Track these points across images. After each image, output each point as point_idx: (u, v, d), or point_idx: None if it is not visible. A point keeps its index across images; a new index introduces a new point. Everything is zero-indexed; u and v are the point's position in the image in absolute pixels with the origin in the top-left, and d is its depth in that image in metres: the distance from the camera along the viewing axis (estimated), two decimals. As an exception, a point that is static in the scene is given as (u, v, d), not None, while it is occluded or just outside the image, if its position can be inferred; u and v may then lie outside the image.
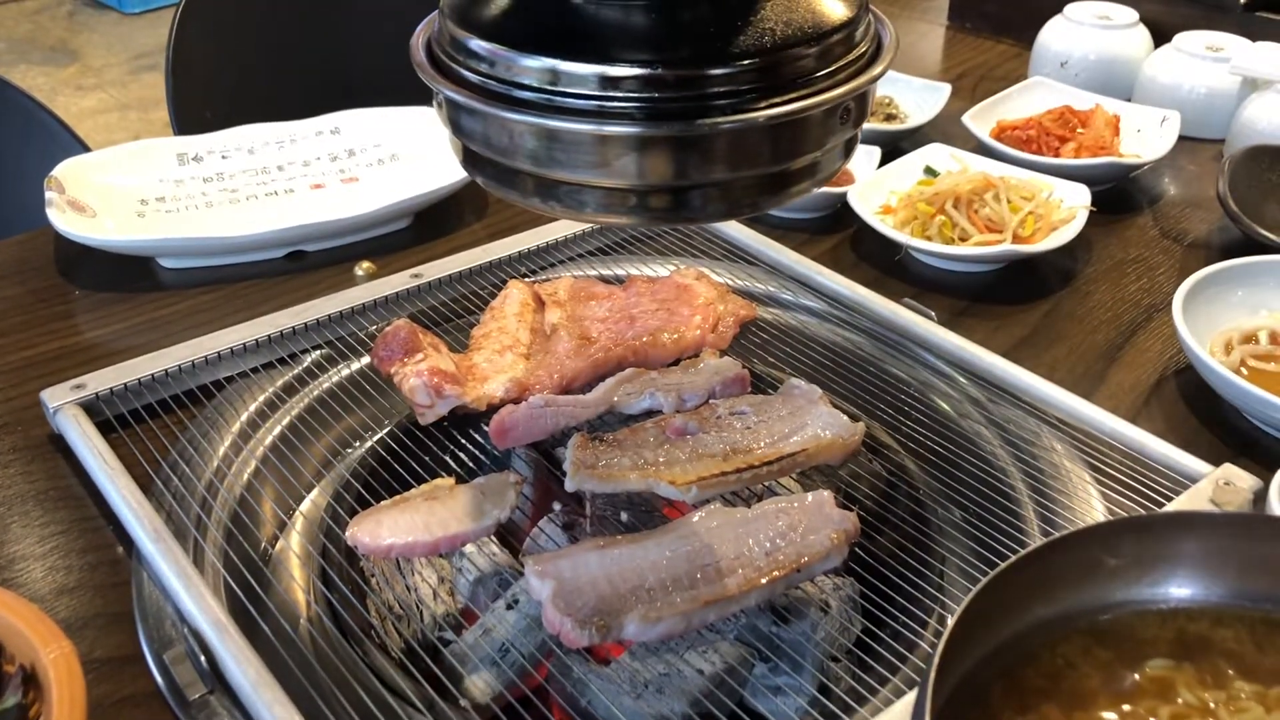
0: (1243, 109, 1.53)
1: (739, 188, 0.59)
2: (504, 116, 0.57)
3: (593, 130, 0.55)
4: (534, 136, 0.57)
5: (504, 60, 0.56)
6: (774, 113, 0.55)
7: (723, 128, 0.55)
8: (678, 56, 0.54)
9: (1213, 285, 1.11)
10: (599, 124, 0.55)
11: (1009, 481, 0.93)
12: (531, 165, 0.58)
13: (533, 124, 0.56)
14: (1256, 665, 0.60)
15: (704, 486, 0.83)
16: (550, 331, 1.04)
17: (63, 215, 1.22)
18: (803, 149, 0.59)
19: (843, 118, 0.60)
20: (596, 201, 0.59)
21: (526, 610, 0.83)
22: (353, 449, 1.00)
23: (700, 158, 0.56)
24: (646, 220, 0.60)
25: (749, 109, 0.55)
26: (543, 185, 0.59)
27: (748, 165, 0.58)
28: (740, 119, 0.55)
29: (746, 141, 0.57)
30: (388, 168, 1.43)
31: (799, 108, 0.56)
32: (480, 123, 0.59)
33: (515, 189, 0.61)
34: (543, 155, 0.57)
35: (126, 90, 4.56)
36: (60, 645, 0.68)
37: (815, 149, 0.60)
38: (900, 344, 1.10)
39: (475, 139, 0.60)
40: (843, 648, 0.82)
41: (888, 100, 1.62)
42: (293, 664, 0.75)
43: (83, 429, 0.93)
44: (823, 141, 0.60)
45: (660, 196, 0.58)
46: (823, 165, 0.62)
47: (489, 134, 0.59)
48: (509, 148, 0.58)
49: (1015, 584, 0.59)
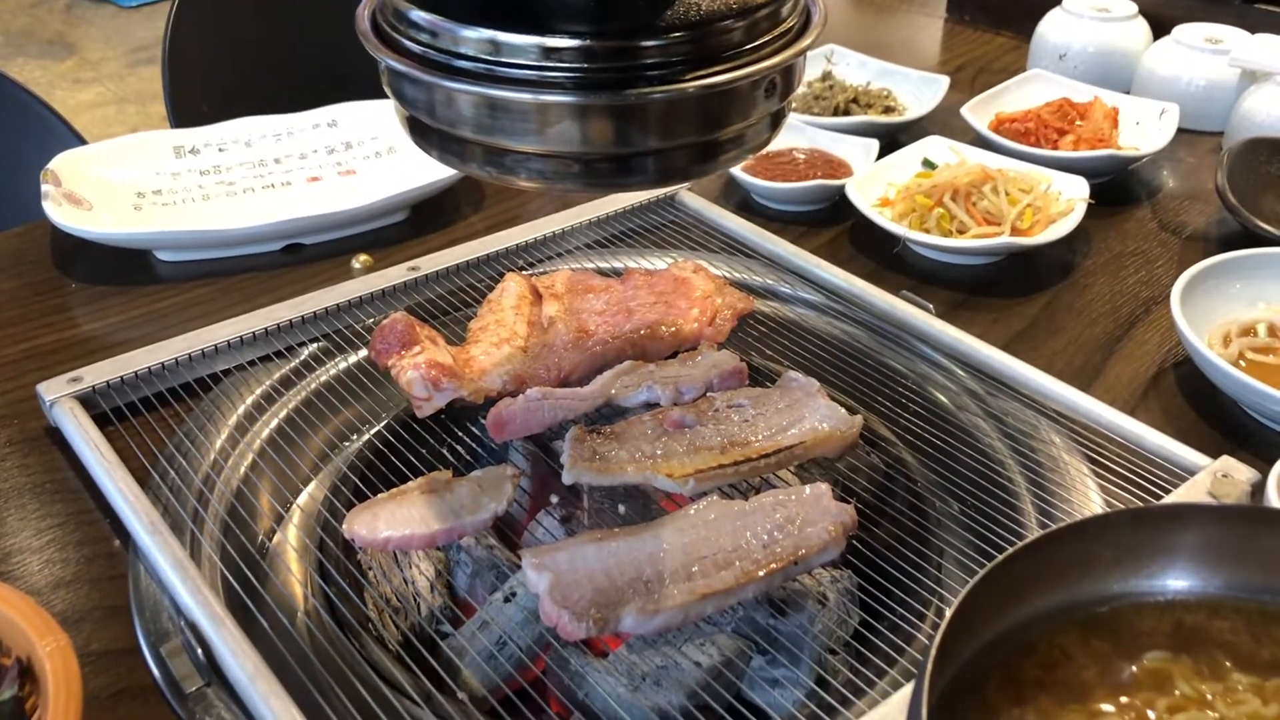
0: (1242, 101, 1.53)
1: (670, 155, 0.61)
2: (445, 85, 0.59)
3: (530, 99, 0.57)
4: (474, 105, 0.59)
5: (445, 31, 0.58)
6: (701, 84, 0.57)
7: (652, 98, 0.57)
8: (610, 29, 0.56)
9: (1211, 278, 1.11)
10: (536, 93, 0.57)
11: (1007, 474, 0.93)
12: (475, 133, 0.60)
13: (473, 92, 0.58)
14: (1253, 657, 0.60)
15: (701, 479, 0.83)
16: (548, 324, 1.04)
17: (59, 208, 1.22)
18: (730, 120, 0.61)
19: (769, 90, 0.61)
20: (535, 168, 0.60)
21: (524, 603, 0.83)
22: (350, 442, 1.00)
23: (633, 126, 0.58)
24: (582, 186, 0.62)
25: (677, 80, 0.57)
26: (484, 153, 0.61)
27: (678, 134, 0.60)
28: (669, 89, 0.57)
29: (676, 111, 0.59)
30: (385, 160, 1.42)
31: (725, 79, 0.58)
32: (424, 92, 0.60)
33: (458, 157, 0.63)
34: (485, 123, 0.59)
35: (124, 84, 4.55)
36: (56, 638, 0.68)
37: (742, 120, 0.62)
38: (898, 336, 1.10)
39: (419, 108, 0.62)
40: (840, 640, 0.82)
41: (886, 92, 1.62)
42: (290, 657, 0.75)
43: (79, 422, 0.93)
44: (748, 113, 0.62)
45: (600, 164, 0.60)
46: (749, 137, 0.64)
47: (433, 103, 0.61)
48: (452, 117, 0.60)
49: (1013, 576, 0.59)
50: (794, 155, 1.45)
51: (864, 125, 1.51)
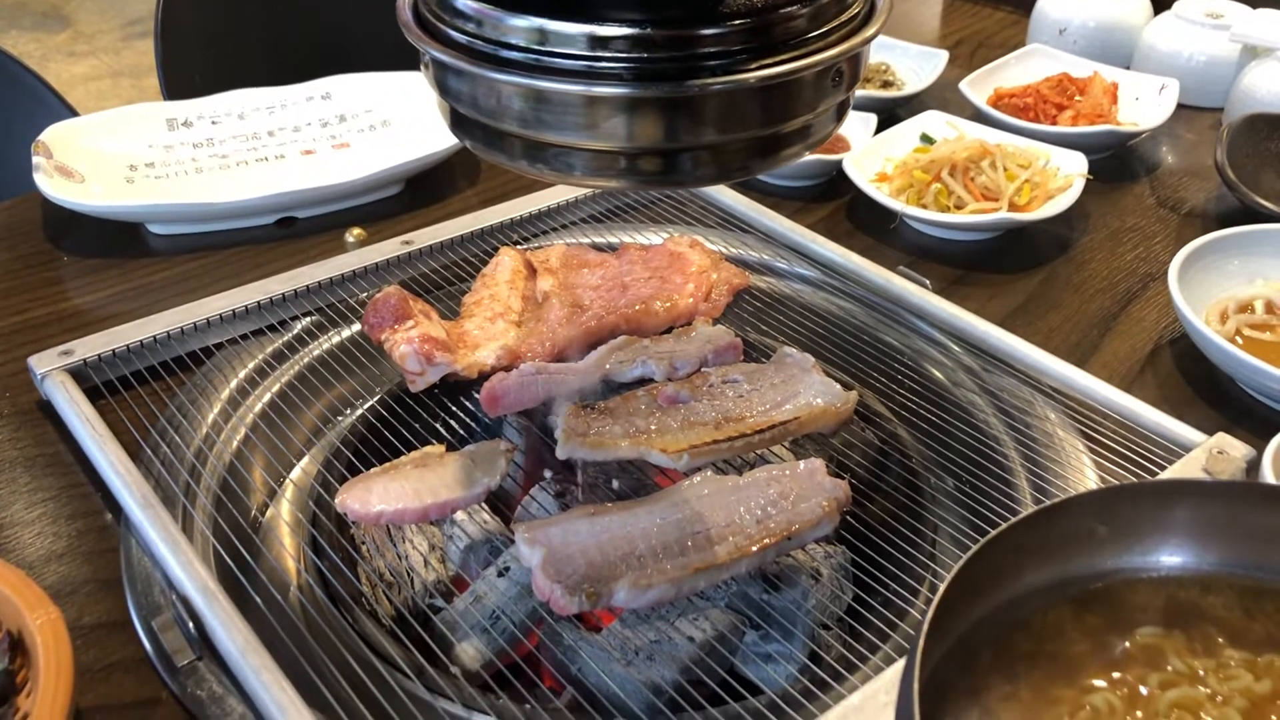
0: (1242, 77, 1.52)
1: (729, 151, 0.58)
2: (491, 77, 0.56)
3: (581, 91, 0.54)
4: (521, 98, 0.56)
5: (491, 20, 0.55)
6: (765, 74, 0.55)
7: (713, 89, 0.54)
8: (667, 16, 0.53)
9: (1209, 254, 1.10)
10: (587, 85, 0.54)
11: (1002, 450, 0.93)
12: (519, 127, 0.57)
13: (520, 85, 0.55)
14: (1246, 632, 0.59)
15: (696, 454, 0.83)
16: (542, 299, 1.03)
17: (50, 180, 1.21)
18: (794, 111, 0.58)
19: (835, 80, 0.59)
20: (585, 164, 0.58)
21: (517, 578, 0.83)
22: (343, 416, 1.00)
23: (690, 120, 0.55)
24: (636, 184, 0.59)
25: (740, 70, 0.54)
26: (531, 148, 0.58)
27: (738, 128, 0.57)
28: (730, 80, 0.54)
29: (737, 103, 0.56)
30: (379, 133, 1.41)
31: (790, 69, 0.55)
32: (467, 84, 0.58)
33: (503, 152, 0.60)
34: (530, 117, 0.56)
35: (119, 57, 4.52)
36: (47, 611, 0.68)
37: (807, 111, 0.59)
38: (894, 312, 1.09)
39: (463, 101, 0.59)
40: (833, 615, 0.82)
41: (884, 67, 1.61)
42: (282, 631, 0.75)
43: (70, 395, 0.93)
44: (814, 104, 0.59)
45: (650, 159, 0.57)
46: (815, 128, 0.61)
47: (476, 95, 0.58)
48: (496, 110, 0.57)
49: (1006, 551, 0.59)
50: (791, 130, 1.43)
51: (862, 100, 1.50)
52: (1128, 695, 0.56)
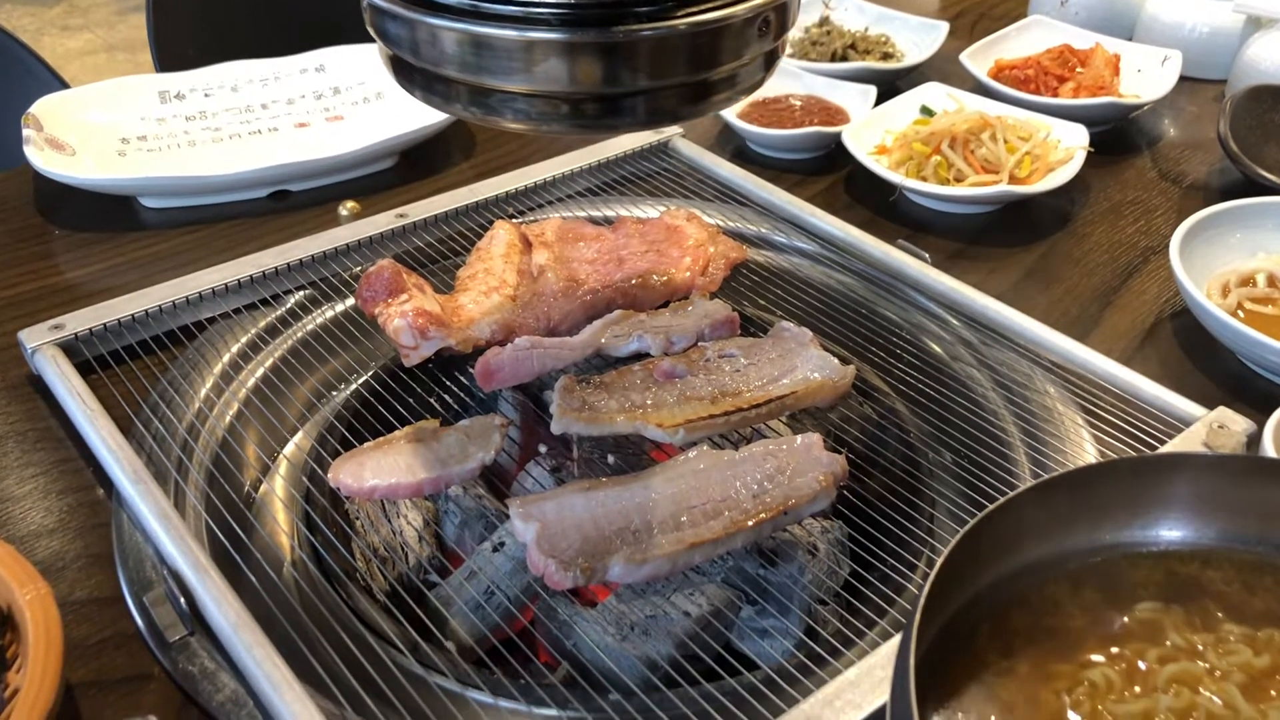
0: (1245, 48, 1.51)
1: (660, 96, 0.59)
2: (428, 22, 0.57)
3: (514, 36, 0.55)
4: (457, 43, 0.57)
5: None
6: (693, 20, 0.56)
7: (642, 35, 0.55)
8: None
9: (1211, 227, 1.09)
10: (520, 30, 0.55)
11: (1001, 424, 0.92)
12: (458, 72, 0.59)
13: (456, 30, 0.57)
14: (1245, 607, 0.59)
15: (692, 429, 0.82)
16: (537, 273, 1.02)
17: (41, 153, 1.20)
18: (722, 59, 0.60)
19: (762, 29, 0.60)
20: (520, 109, 0.59)
21: (512, 553, 0.83)
22: (337, 391, 0.99)
23: (622, 65, 0.57)
24: (569, 128, 0.61)
25: (668, 16, 0.56)
26: (469, 92, 0.60)
27: (668, 74, 0.58)
28: (659, 26, 0.55)
29: (666, 50, 0.57)
30: (373, 106, 1.40)
31: (718, 16, 0.57)
32: (406, 29, 0.59)
33: (442, 97, 0.61)
34: (468, 62, 0.58)
35: (114, 31, 4.49)
36: (37, 586, 0.68)
37: (734, 60, 0.60)
38: (893, 286, 1.08)
39: (402, 46, 0.60)
40: (830, 590, 0.82)
41: (884, 38, 1.59)
42: (275, 607, 0.74)
43: (61, 370, 0.92)
44: (741, 52, 0.60)
45: (582, 104, 0.59)
46: (742, 77, 0.62)
47: (416, 41, 0.59)
48: (436, 56, 0.59)
49: (1004, 526, 0.58)
50: (790, 102, 1.42)
51: (862, 71, 1.49)
52: (1126, 670, 0.56)
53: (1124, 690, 0.55)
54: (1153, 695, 0.55)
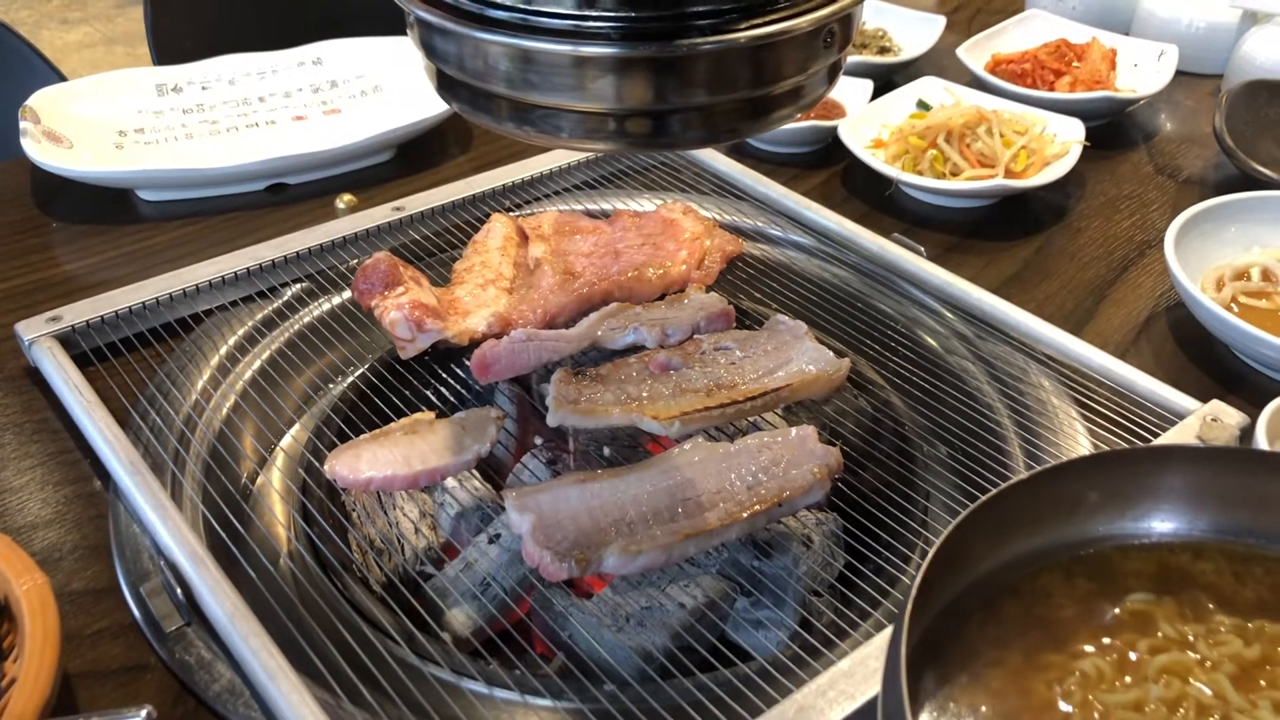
0: (1242, 43, 1.51)
1: (719, 112, 0.57)
2: (477, 37, 0.55)
3: (568, 51, 0.53)
4: (508, 58, 0.55)
5: None
6: (755, 33, 0.54)
7: (702, 49, 0.53)
8: None
9: (1206, 221, 1.09)
10: (574, 45, 0.53)
11: (995, 418, 0.93)
12: (506, 89, 0.57)
13: (506, 44, 0.55)
14: (1236, 598, 0.59)
15: (687, 421, 0.82)
16: (534, 266, 1.03)
17: (38, 146, 1.20)
18: (785, 72, 0.58)
19: (826, 40, 0.58)
20: (573, 126, 0.57)
21: (508, 545, 0.83)
22: (334, 384, 0.99)
23: (679, 80, 0.55)
24: (624, 146, 0.58)
25: (729, 29, 0.53)
26: (518, 109, 0.58)
27: (728, 89, 0.56)
28: (720, 40, 0.53)
29: (727, 64, 0.55)
30: (370, 99, 1.40)
31: (781, 29, 0.54)
32: (453, 44, 0.57)
33: (490, 113, 0.59)
34: (517, 78, 0.56)
35: (113, 24, 4.48)
36: (33, 577, 0.68)
37: (798, 73, 0.58)
38: (888, 279, 1.09)
39: (449, 62, 0.59)
40: (825, 582, 0.82)
41: (881, 32, 1.59)
42: (271, 598, 0.75)
43: (58, 361, 0.92)
44: (806, 65, 0.58)
45: (638, 121, 0.57)
46: (806, 90, 0.60)
47: (463, 56, 0.57)
48: (483, 71, 0.57)
49: (996, 518, 0.58)
50: (787, 96, 1.42)
51: (858, 66, 1.49)
52: (1117, 661, 0.56)
53: (1115, 680, 0.55)
54: (1143, 685, 0.55)
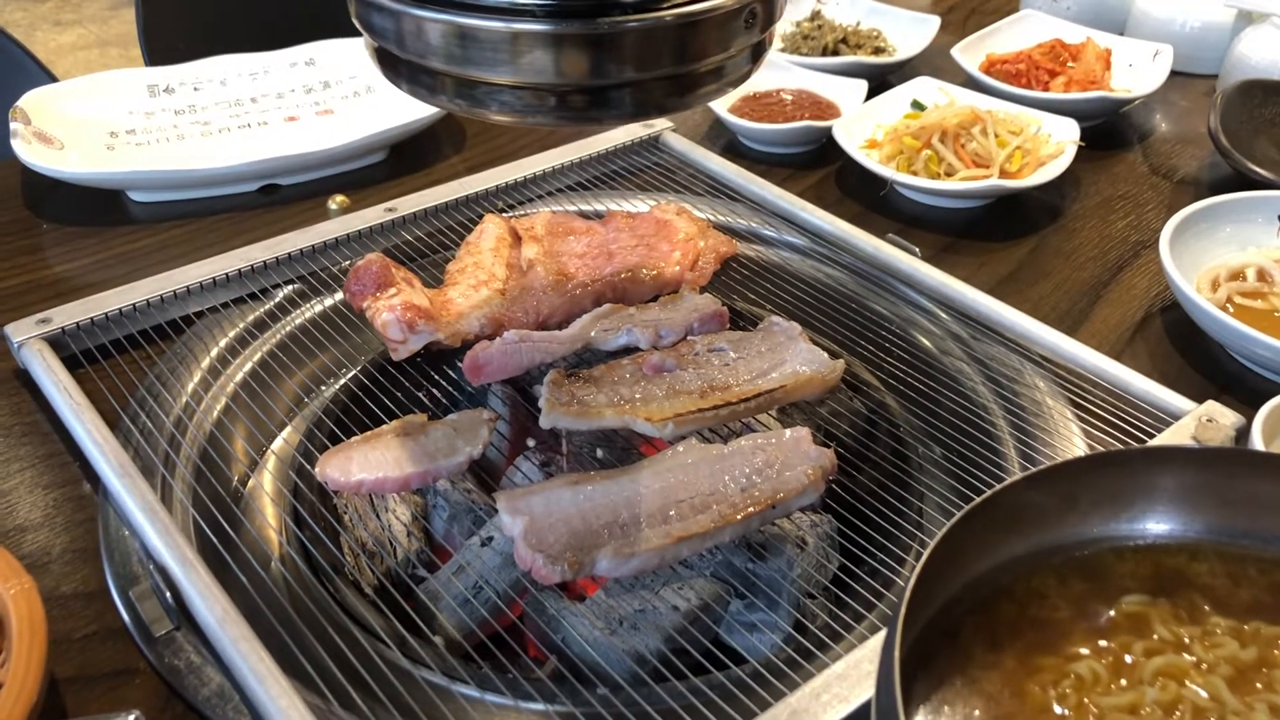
0: (1236, 43, 1.51)
1: (646, 88, 0.59)
2: (415, 14, 0.57)
3: (500, 28, 0.55)
4: (444, 34, 0.57)
5: None
6: (679, 11, 0.56)
7: (628, 26, 0.55)
8: None
9: (1201, 221, 1.09)
10: (507, 21, 0.55)
11: (990, 419, 0.92)
12: (445, 64, 0.58)
13: (444, 21, 0.56)
14: (1232, 600, 0.59)
15: (680, 423, 0.82)
16: (527, 267, 1.02)
17: (28, 147, 1.19)
18: (708, 51, 0.59)
19: (748, 21, 0.60)
20: (513, 101, 0.59)
21: (501, 547, 0.82)
22: (325, 386, 0.99)
23: (607, 56, 0.57)
24: (556, 120, 0.61)
25: (654, 7, 0.56)
26: (460, 85, 0.59)
27: (654, 65, 0.58)
28: (645, 17, 0.55)
29: (652, 41, 0.57)
30: (363, 100, 1.40)
31: (704, 8, 0.57)
32: (392, 21, 0.59)
33: (433, 90, 0.61)
34: (456, 54, 0.57)
35: (106, 26, 4.47)
36: (21, 580, 0.67)
37: (721, 51, 0.60)
38: (883, 280, 1.08)
39: (388, 38, 0.60)
40: (819, 584, 0.82)
41: (876, 33, 1.59)
42: (262, 601, 0.74)
43: (48, 363, 0.91)
44: (728, 44, 0.60)
45: (573, 96, 0.59)
46: (729, 69, 0.62)
47: (402, 33, 0.59)
48: (422, 47, 0.58)
49: (991, 520, 0.58)
50: (781, 96, 1.42)
51: (853, 66, 1.49)
52: (1112, 664, 0.56)
53: (1110, 683, 0.55)
54: (1139, 688, 0.54)
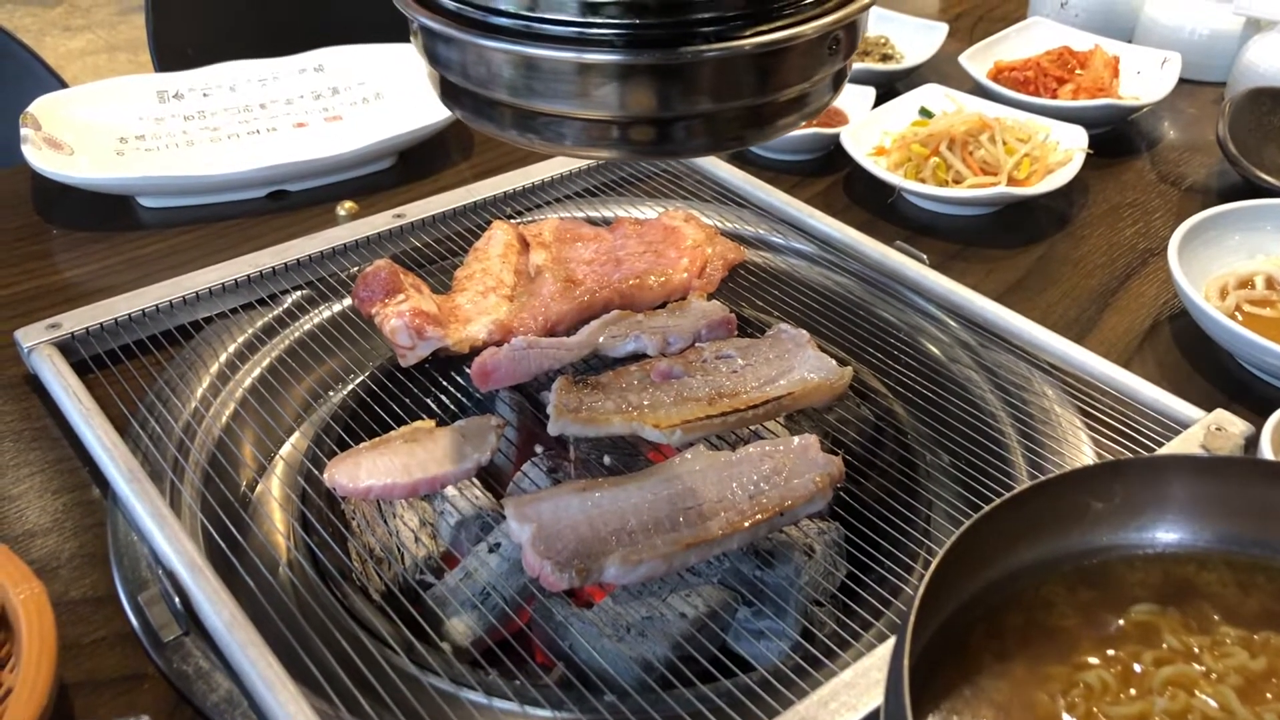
0: (1245, 51, 1.51)
1: (723, 120, 0.57)
2: (480, 44, 0.55)
3: (572, 58, 0.53)
4: (511, 65, 0.55)
5: None
6: (760, 40, 0.54)
7: (706, 56, 0.53)
8: None
9: (1210, 229, 1.09)
10: (578, 52, 0.53)
11: (998, 426, 0.92)
12: (509, 96, 0.57)
13: (509, 52, 0.54)
14: (1241, 609, 0.59)
15: (688, 430, 0.82)
16: (535, 273, 1.02)
17: (39, 152, 1.20)
18: (789, 80, 0.57)
19: (831, 48, 0.58)
20: (576, 134, 0.57)
21: (508, 554, 0.82)
22: (334, 391, 0.99)
23: (683, 88, 0.54)
24: (627, 154, 0.58)
25: (734, 36, 0.53)
26: (521, 117, 0.58)
27: (732, 96, 0.56)
28: (724, 47, 0.53)
29: (731, 71, 0.55)
30: (372, 106, 1.40)
31: (786, 36, 0.54)
32: (457, 52, 0.57)
33: (493, 121, 0.59)
34: (520, 85, 0.55)
35: (115, 31, 4.49)
36: (30, 586, 0.68)
37: (802, 80, 0.58)
38: (891, 287, 1.08)
39: (453, 69, 0.59)
40: (827, 592, 0.82)
41: (883, 40, 1.59)
42: (270, 607, 0.74)
43: (58, 369, 0.92)
44: (810, 73, 0.58)
45: (642, 128, 0.56)
46: (811, 98, 0.60)
47: (466, 63, 0.57)
48: (486, 78, 0.57)
49: (1000, 528, 0.58)
50: (789, 103, 1.42)
51: (860, 73, 1.49)
52: (1121, 673, 0.56)
53: (1119, 693, 0.55)
54: (1148, 698, 0.54)
